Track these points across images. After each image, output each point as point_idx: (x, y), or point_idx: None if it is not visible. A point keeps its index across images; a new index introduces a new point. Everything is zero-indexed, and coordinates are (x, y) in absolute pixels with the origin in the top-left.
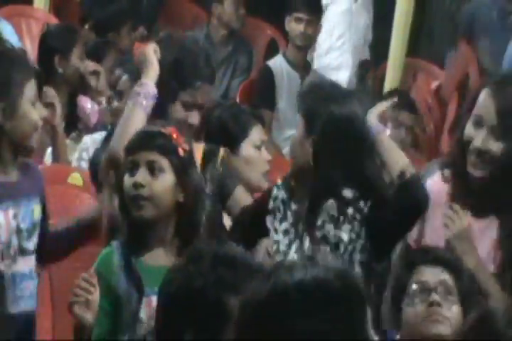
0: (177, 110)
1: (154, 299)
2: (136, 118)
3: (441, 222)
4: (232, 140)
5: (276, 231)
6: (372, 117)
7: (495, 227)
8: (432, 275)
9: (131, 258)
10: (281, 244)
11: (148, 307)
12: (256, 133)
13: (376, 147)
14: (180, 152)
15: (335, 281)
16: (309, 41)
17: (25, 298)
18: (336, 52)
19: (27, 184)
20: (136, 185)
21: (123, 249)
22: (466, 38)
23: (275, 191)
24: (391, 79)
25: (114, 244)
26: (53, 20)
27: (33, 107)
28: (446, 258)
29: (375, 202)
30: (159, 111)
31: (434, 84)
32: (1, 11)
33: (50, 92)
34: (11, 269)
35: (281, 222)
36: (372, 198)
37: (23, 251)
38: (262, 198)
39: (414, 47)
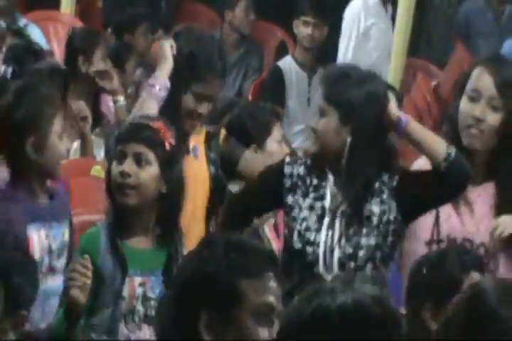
0: (188, 100)
1: (136, 279)
2: (148, 108)
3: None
4: (258, 138)
5: (300, 208)
6: (394, 107)
7: (490, 193)
8: None
9: (116, 239)
10: (309, 220)
11: (131, 286)
12: (277, 130)
13: (411, 136)
14: (167, 146)
15: (374, 307)
16: (316, 43)
17: (54, 314)
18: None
19: (56, 208)
20: (123, 174)
21: (109, 231)
22: (462, 39)
23: (287, 169)
24: (393, 79)
25: (100, 225)
26: (78, 24)
27: (61, 140)
28: None
29: (403, 176)
30: (171, 101)
31: (433, 83)
32: (30, 15)
33: (83, 106)
34: (42, 286)
35: (304, 198)
36: (397, 172)
37: (53, 270)
38: (275, 169)
39: (414, 48)
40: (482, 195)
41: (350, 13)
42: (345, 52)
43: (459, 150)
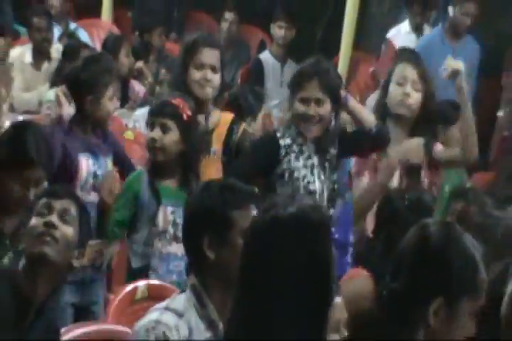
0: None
1: (169, 209)
2: None
3: None
4: (252, 111)
5: (299, 169)
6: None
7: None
8: None
9: (153, 180)
10: (308, 176)
11: (164, 213)
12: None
13: (352, 110)
14: (185, 117)
15: (313, 214)
16: (287, 41)
17: None
18: None
19: (103, 146)
20: (153, 140)
21: (148, 174)
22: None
23: (281, 141)
24: (342, 67)
25: (143, 169)
26: (115, 29)
27: (111, 102)
28: None
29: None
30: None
31: (371, 70)
32: (80, 22)
33: None
34: (86, 199)
35: (297, 161)
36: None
37: (95, 189)
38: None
39: (357, 42)
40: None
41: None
42: None
43: (389, 116)
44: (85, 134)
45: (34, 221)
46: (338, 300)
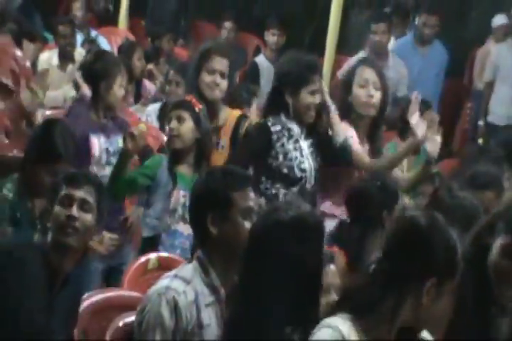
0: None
1: (181, 192)
2: None
3: None
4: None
5: (290, 151)
6: (327, 96)
7: None
8: None
9: (171, 165)
10: (299, 157)
11: (177, 195)
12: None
13: (331, 118)
14: (196, 109)
15: (311, 218)
16: (279, 46)
17: None
18: None
19: (115, 126)
20: (171, 129)
21: (168, 161)
22: None
23: (273, 128)
24: (326, 68)
25: (163, 156)
26: (130, 36)
27: (120, 89)
28: None
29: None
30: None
31: None
32: (100, 30)
33: None
34: (101, 174)
35: (288, 144)
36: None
37: (109, 164)
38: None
39: (339, 47)
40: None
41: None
42: None
43: (352, 115)
44: (98, 117)
45: (57, 210)
46: (331, 267)
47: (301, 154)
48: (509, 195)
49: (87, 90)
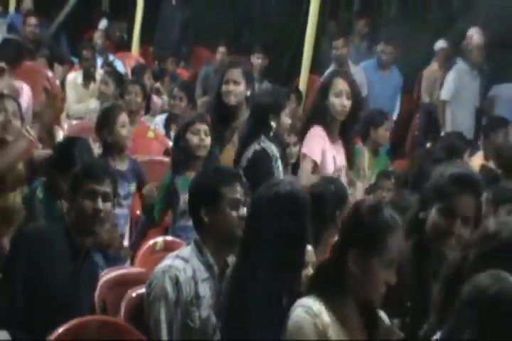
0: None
1: (186, 195)
2: None
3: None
4: None
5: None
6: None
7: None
8: None
9: (179, 174)
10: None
11: (183, 198)
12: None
13: None
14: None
15: (302, 193)
16: (263, 67)
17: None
18: None
19: (127, 172)
20: (202, 140)
21: (173, 170)
22: None
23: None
24: (302, 85)
25: (169, 170)
26: (141, 60)
27: (123, 128)
28: None
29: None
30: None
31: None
32: (117, 54)
33: None
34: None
35: (277, 161)
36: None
37: (120, 205)
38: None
39: (313, 68)
40: (339, 149)
41: None
42: None
43: (328, 118)
44: (112, 162)
45: (84, 204)
46: (309, 247)
47: (278, 172)
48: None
49: None
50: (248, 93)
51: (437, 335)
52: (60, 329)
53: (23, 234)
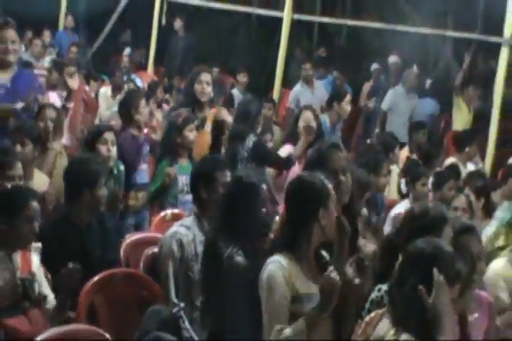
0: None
1: (183, 177)
2: None
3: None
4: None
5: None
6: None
7: None
8: None
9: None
10: None
11: (181, 179)
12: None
13: None
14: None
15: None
16: (246, 84)
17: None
18: None
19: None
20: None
21: (170, 158)
22: None
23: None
24: (276, 97)
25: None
26: (155, 78)
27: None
28: None
29: None
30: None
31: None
32: (137, 73)
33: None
34: None
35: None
36: None
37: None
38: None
39: (284, 83)
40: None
41: None
42: None
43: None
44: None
45: (102, 191)
46: (276, 217)
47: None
48: None
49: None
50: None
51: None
52: (96, 278)
53: None
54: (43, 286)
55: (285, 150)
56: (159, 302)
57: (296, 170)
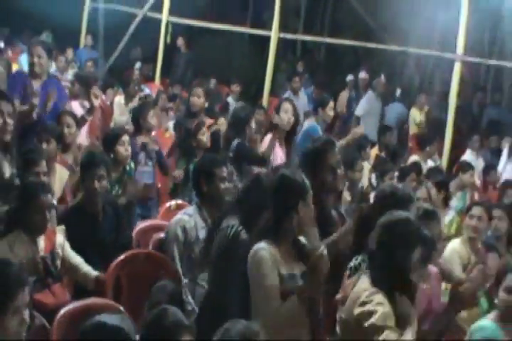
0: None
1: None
2: None
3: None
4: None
5: None
6: None
7: None
8: None
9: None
10: None
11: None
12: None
13: None
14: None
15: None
16: (239, 92)
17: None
18: None
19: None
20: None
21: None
22: None
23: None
24: (265, 104)
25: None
26: (161, 88)
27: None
28: None
29: None
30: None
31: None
32: (146, 84)
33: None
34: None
35: None
36: None
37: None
38: None
39: (271, 92)
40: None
41: None
42: None
43: (278, 129)
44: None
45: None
46: None
47: None
48: None
49: None
50: (206, 104)
51: (358, 260)
52: (121, 257)
53: None
54: (72, 257)
55: (267, 139)
56: (172, 279)
57: (279, 154)
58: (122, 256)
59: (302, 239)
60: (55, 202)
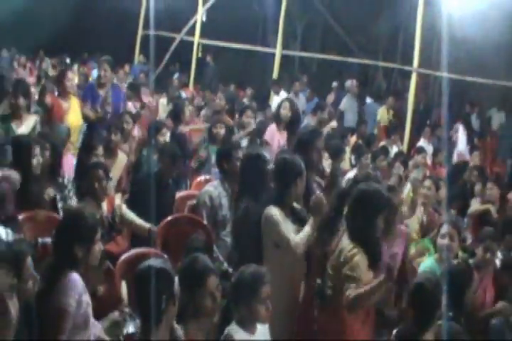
0: None
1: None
2: None
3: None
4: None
5: None
6: None
7: None
8: None
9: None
10: None
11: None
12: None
13: None
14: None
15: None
16: (252, 94)
17: None
18: None
19: None
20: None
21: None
22: None
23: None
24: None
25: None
26: (193, 92)
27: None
28: None
29: None
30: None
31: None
32: (182, 89)
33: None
34: None
35: None
36: None
37: None
38: None
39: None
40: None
41: None
42: None
43: (281, 121)
44: None
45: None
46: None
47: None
48: None
49: None
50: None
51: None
52: (168, 218)
53: None
54: (128, 213)
55: (270, 129)
56: (203, 234)
57: (277, 138)
58: (168, 218)
59: (297, 205)
60: (115, 178)
